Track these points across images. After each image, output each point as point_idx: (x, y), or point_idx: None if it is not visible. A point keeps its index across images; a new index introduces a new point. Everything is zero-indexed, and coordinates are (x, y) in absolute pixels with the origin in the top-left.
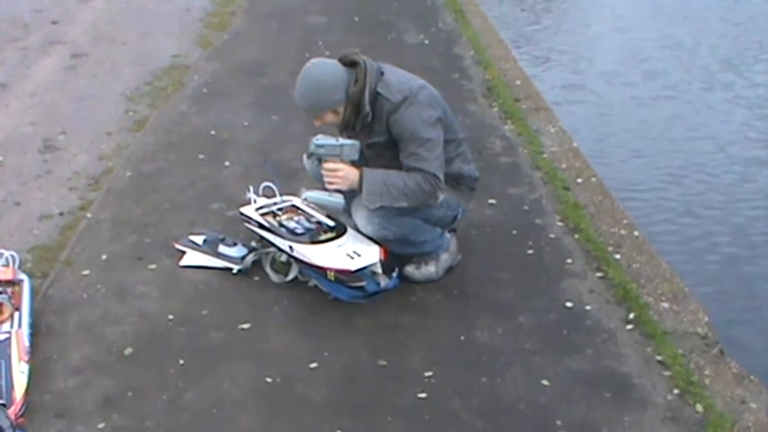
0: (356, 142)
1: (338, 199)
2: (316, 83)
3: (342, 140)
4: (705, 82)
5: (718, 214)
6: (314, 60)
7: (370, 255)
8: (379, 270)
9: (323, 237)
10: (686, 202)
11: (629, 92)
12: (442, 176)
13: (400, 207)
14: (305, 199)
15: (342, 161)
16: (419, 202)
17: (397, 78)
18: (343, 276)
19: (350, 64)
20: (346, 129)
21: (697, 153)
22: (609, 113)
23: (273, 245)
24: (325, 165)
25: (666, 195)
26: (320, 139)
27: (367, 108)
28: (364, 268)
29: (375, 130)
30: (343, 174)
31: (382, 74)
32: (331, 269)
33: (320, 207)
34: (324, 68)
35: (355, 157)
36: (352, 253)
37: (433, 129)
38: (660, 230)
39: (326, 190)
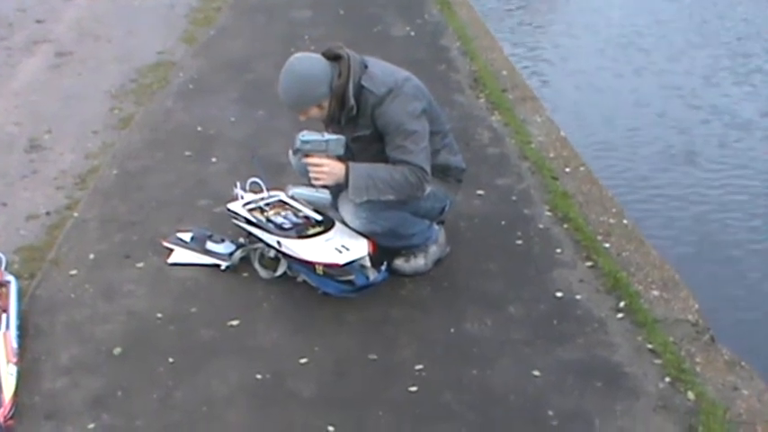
0: (341, 137)
1: (324, 194)
2: (299, 77)
3: (327, 136)
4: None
5: (707, 199)
6: (297, 55)
7: (359, 248)
8: (368, 263)
9: (311, 231)
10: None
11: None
12: (428, 168)
13: (387, 200)
14: (291, 195)
15: (327, 156)
16: (406, 195)
17: (382, 71)
18: (332, 270)
19: (333, 58)
20: (331, 123)
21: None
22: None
23: (261, 240)
24: (310, 160)
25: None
26: (305, 135)
27: (351, 101)
28: (353, 262)
29: (360, 124)
30: (328, 169)
31: (366, 67)
32: (319, 263)
33: (307, 203)
34: (307, 63)
35: (341, 152)
36: (340, 247)
37: (418, 121)
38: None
39: (313, 186)
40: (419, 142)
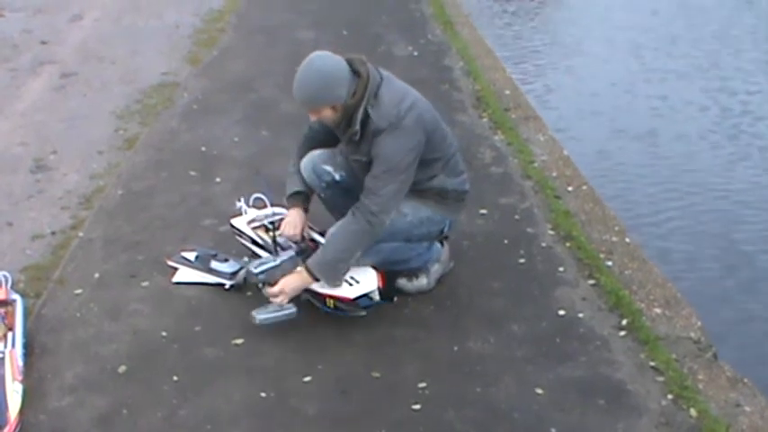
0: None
1: (290, 309)
2: (320, 73)
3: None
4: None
5: (708, 216)
6: (318, 52)
7: (369, 281)
8: (377, 297)
9: None
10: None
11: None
12: (393, 202)
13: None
14: (258, 323)
15: (283, 275)
16: (370, 243)
17: (390, 98)
18: (342, 305)
19: (354, 72)
20: (337, 130)
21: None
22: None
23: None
24: (268, 292)
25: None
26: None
27: (356, 127)
28: (363, 296)
29: (361, 149)
30: (289, 289)
31: (378, 90)
32: (330, 296)
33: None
34: (330, 62)
35: (296, 267)
36: (349, 279)
37: (406, 156)
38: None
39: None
40: (396, 176)
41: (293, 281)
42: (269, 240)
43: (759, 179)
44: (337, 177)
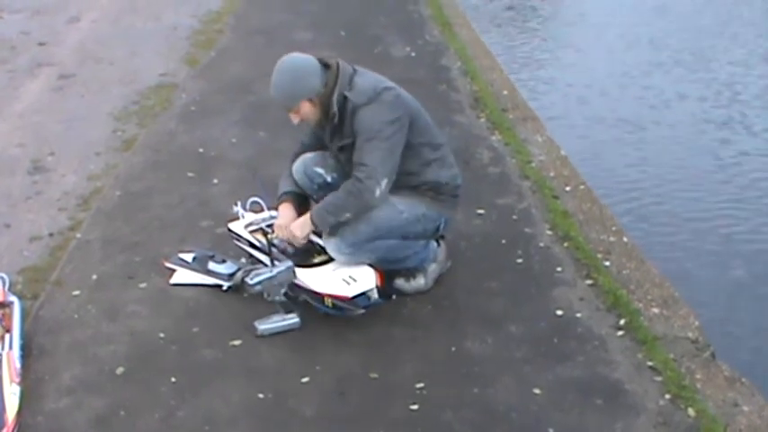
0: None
1: (294, 319)
2: (291, 69)
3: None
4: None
5: (704, 217)
6: (288, 54)
7: (367, 280)
8: (375, 295)
9: (316, 259)
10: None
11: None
12: (380, 168)
13: (369, 231)
14: (261, 334)
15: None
16: (358, 207)
17: (365, 80)
18: (341, 303)
19: (324, 66)
20: (319, 128)
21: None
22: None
23: (264, 264)
24: (279, 236)
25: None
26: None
27: (334, 108)
28: (361, 294)
29: (344, 133)
30: (298, 231)
31: (353, 78)
32: (328, 295)
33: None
34: (299, 59)
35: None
36: (347, 277)
37: (388, 127)
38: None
39: (278, 313)
40: (378, 145)
41: (296, 224)
42: (266, 243)
43: None
44: (329, 179)
